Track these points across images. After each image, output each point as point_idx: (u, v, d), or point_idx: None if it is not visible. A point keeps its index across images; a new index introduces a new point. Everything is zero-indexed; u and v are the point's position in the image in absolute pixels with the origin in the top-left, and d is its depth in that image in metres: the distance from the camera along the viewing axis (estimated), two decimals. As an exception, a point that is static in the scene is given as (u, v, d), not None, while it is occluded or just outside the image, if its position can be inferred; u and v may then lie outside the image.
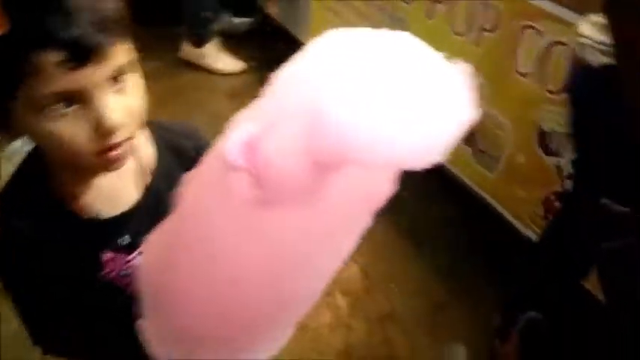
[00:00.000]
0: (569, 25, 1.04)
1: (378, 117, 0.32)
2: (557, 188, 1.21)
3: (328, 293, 1.43)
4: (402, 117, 0.33)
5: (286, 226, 0.38)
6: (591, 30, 0.79)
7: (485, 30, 1.30)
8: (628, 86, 0.67)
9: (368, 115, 0.32)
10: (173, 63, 2.14)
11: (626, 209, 0.73)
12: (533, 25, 1.17)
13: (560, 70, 1.08)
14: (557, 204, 1.21)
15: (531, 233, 1.31)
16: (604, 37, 0.75)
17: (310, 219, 0.38)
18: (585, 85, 0.81)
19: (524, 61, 1.22)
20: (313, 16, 1.93)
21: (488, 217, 1.44)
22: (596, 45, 0.76)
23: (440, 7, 1.40)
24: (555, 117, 1.14)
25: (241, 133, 0.35)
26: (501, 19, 1.25)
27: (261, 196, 0.36)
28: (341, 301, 1.43)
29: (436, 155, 0.34)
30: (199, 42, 2.12)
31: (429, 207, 1.62)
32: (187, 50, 2.14)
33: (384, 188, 0.40)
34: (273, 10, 2.17)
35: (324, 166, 0.35)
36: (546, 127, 1.19)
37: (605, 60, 0.75)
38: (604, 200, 0.78)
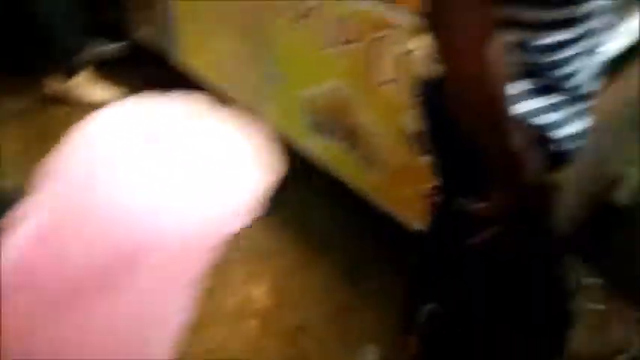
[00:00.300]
0: (419, 34, 1.10)
1: (165, 203, 0.32)
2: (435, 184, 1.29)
3: (237, 320, 1.42)
4: (192, 196, 0.33)
5: (101, 317, 0.37)
6: (424, 40, 0.85)
7: (348, 42, 1.34)
8: (448, 95, 0.73)
9: (157, 203, 0.32)
10: (39, 101, 1.98)
11: (481, 205, 0.80)
12: (388, 35, 1.24)
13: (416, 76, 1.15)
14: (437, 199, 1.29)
15: (423, 228, 1.39)
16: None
17: (124, 305, 0.37)
18: (428, 93, 0.87)
19: (386, 70, 1.28)
20: (183, 37, 1.89)
21: (384, 219, 1.50)
22: (429, 55, 0.82)
23: (307, 21, 1.43)
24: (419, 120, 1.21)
25: (27, 229, 0.34)
26: (361, 31, 1.30)
27: (65, 292, 0.34)
28: (251, 325, 1.42)
29: (240, 220, 0.35)
30: (68, 74, 1.99)
31: (330, 216, 1.65)
32: (54, 85, 2.00)
33: (200, 259, 0.40)
34: (143, 33, 2.09)
35: (123, 255, 0.34)
36: (414, 129, 1.26)
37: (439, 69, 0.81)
38: (460, 199, 0.84)
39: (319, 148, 1.59)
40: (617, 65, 1.02)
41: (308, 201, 1.67)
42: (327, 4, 1.35)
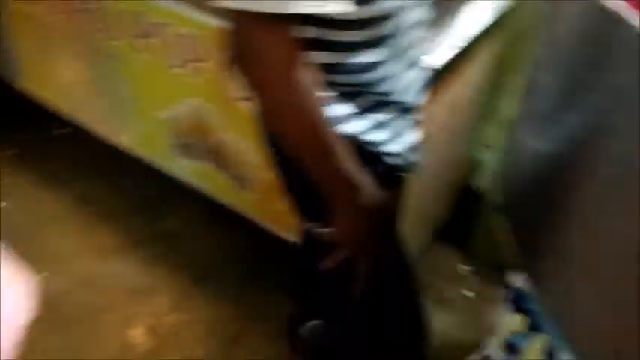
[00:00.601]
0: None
1: None
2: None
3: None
4: None
5: None
6: None
7: (199, 61, 1.28)
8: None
9: None
10: None
11: (326, 230, 0.78)
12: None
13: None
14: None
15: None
16: None
17: None
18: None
19: (239, 87, 1.23)
20: (25, 61, 1.70)
21: (262, 238, 1.45)
22: None
23: (150, 41, 1.34)
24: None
25: None
26: (209, 50, 1.24)
27: None
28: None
29: None
30: None
31: (205, 242, 1.58)
32: None
33: None
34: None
35: None
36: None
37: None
38: (307, 224, 0.82)
39: (187, 170, 1.51)
40: (441, 76, 1.04)
41: (179, 229, 1.59)
42: (168, 22, 1.27)
